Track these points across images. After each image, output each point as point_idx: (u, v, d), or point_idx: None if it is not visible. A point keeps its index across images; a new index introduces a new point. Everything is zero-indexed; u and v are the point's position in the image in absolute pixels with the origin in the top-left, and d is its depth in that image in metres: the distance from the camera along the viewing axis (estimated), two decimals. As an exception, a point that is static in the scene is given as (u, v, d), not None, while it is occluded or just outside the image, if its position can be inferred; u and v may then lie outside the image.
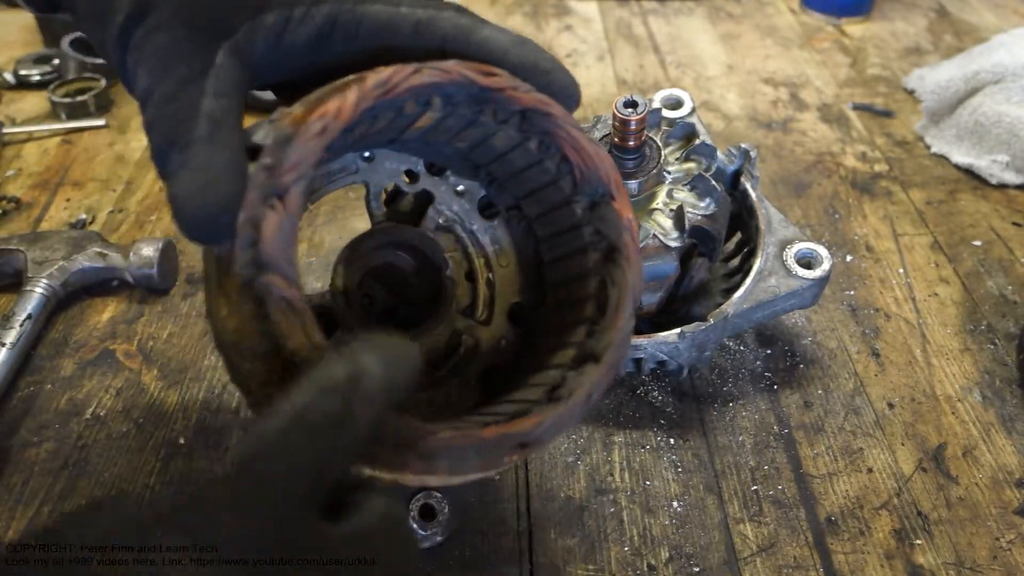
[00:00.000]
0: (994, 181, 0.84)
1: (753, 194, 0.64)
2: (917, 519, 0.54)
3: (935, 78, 0.95)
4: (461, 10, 0.41)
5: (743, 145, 0.64)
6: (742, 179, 0.65)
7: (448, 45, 0.40)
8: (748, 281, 0.59)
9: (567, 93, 0.41)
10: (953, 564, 0.52)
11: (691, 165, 0.61)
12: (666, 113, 0.66)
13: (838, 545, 0.53)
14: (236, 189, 0.33)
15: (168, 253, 0.70)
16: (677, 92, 0.68)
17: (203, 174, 0.33)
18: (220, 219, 0.33)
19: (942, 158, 0.89)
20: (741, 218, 0.65)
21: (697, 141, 0.62)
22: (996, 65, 0.88)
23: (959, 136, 0.89)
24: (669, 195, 0.59)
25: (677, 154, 0.62)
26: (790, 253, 0.60)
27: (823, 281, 0.60)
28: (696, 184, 0.59)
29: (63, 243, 0.70)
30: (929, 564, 0.52)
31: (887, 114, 0.96)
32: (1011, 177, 0.84)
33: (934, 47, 1.10)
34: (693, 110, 0.68)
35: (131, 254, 0.69)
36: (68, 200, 0.82)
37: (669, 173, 0.60)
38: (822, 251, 0.60)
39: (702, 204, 0.59)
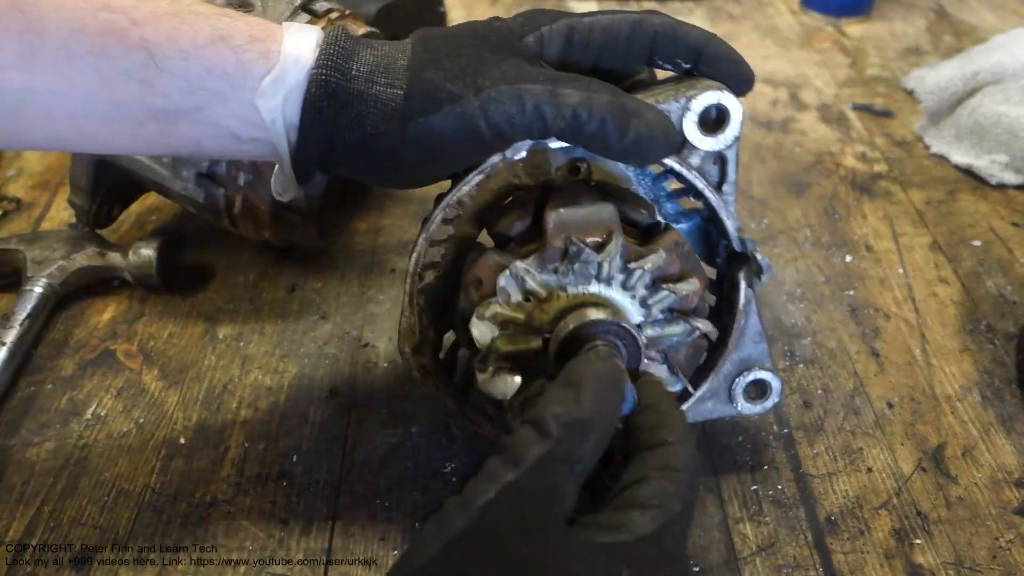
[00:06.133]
0: (993, 181, 0.85)
1: (743, 299, 0.52)
2: (917, 519, 0.55)
3: (935, 78, 0.95)
4: (660, 13, 0.48)
5: (761, 260, 0.50)
6: (740, 277, 0.51)
7: (657, 41, 0.47)
8: (684, 407, 0.53)
9: (748, 80, 0.49)
10: (953, 564, 0.52)
11: (676, 329, 0.49)
12: (698, 138, 0.47)
13: (838, 545, 0.53)
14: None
15: (168, 252, 0.70)
16: (725, 96, 0.46)
17: (663, 119, 0.45)
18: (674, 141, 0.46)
19: (942, 158, 0.89)
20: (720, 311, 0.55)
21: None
22: (995, 65, 0.88)
23: (959, 136, 0.89)
24: None
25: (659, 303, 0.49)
26: (742, 382, 0.53)
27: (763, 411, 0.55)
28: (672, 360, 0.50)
29: (62, 243, 0.70)
30: (929, 564, 0.52)
31: (887, 114, 0.96)
32: (1010, 177, 0.84)
33: (933, 47, 1.10)
34: (736, 139, 0.48)
35: (130, 254, 0.69)
36: (68, 200, 0.82)
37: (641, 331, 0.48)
38: (775, 384, 0.54)
39: (672, 380, 0.51)
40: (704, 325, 0.49)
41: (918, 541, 0.53)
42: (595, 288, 0.47)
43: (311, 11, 0.65)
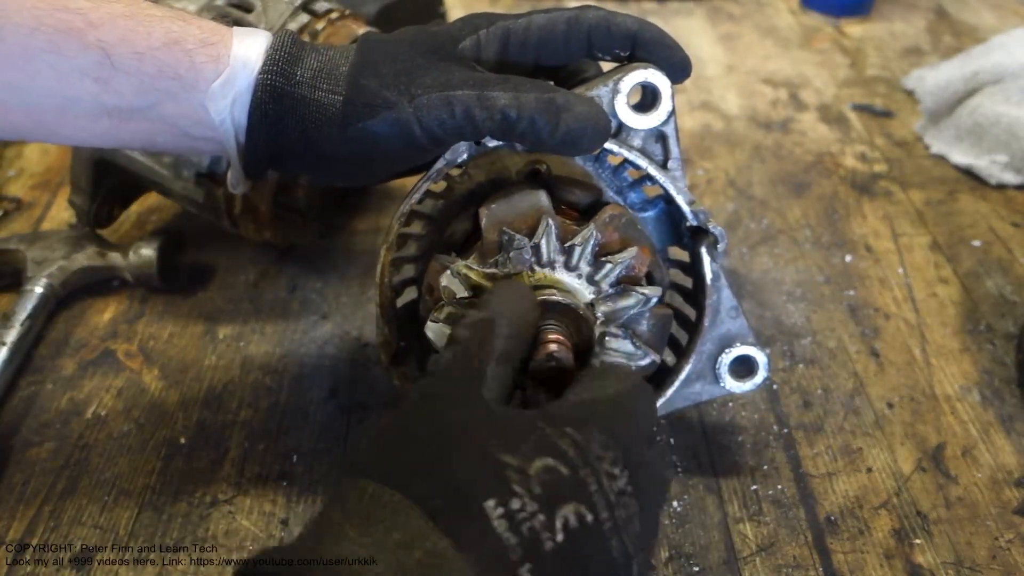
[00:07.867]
0: (993, 181, 0.85)
1: (709, 273, 0.51)
2: (916, 519, 0.55)
3: (934, 78, 0.95)
4: (595, 7, 0.49)
5: (712, 228, 0.51)
6: (702, 250, 0.51)
7: (593, 34, 0.48)
8: (671, 391, 0.53)
9: (683, 64, 0.50)
10: (952, 564, 0.52)
11: (629, 301, 0.49)
12: (631, 118, 0.49)
13: (837, 545, 0.53)
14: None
15: (168, 252, 0.70)
16: (651, 74, 0.48)
17: (594, 108, 0.45)
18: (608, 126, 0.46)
19: (941, 158, 0.89)
20: (696, 296, 0.54)
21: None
22: (995, 66, 0.88)
23: (958, 136, 0.89)
24: (599, 343, 0.49)
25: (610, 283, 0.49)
26: (726, 359, 0.53)
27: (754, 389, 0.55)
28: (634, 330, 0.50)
29: (62, 243, 0.70)
30: (928, 563, 0.52)
31: (886, 114, 0.96)
32: (1010, 177, 0.84)
33: (933, 48, 1.10)
34: (671, 114, 0.49)
35: (131, 254, 0.69)
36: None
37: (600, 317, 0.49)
38: (760, 359, 0.53)
39: (639, 353, 0.50)
40: (652, 291, 0.49)
41: (918, 541, 0.53)
42: (540, 273, 0.48)
43: (311, 11, 0.65)
